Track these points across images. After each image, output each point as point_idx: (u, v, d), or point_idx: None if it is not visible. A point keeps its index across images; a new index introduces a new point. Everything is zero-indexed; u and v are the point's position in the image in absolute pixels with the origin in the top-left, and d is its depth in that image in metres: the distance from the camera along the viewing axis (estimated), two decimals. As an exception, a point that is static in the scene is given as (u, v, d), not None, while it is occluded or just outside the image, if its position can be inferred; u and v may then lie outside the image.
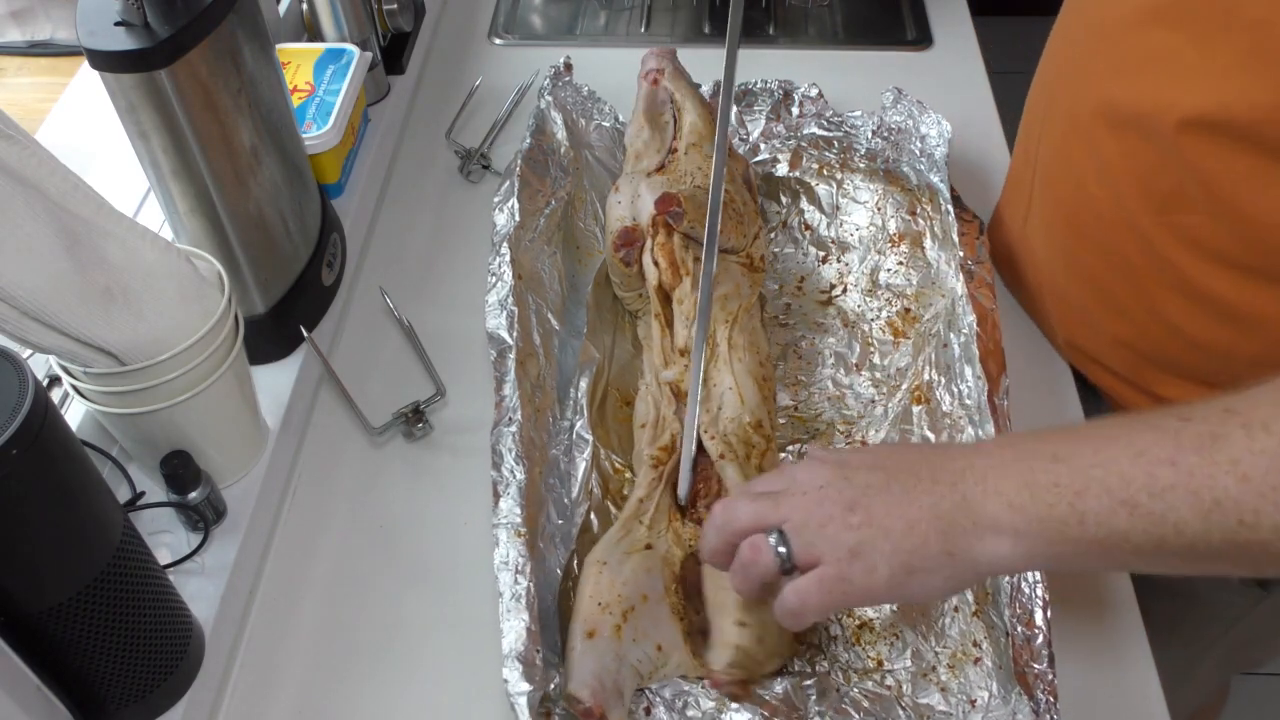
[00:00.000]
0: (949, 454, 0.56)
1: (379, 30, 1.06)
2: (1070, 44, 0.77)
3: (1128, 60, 0.68)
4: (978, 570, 0.54)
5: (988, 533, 0.53)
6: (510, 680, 0.61)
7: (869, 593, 0.55)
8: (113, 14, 0.65)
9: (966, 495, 0.53)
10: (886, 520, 0.54)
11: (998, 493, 0.53)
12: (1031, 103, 0.85)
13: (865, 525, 0.54)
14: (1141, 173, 0.70)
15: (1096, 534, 0.50)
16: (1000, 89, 1.10)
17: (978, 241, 0.85)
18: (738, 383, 0.76)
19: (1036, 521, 0.51)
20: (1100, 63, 0.72)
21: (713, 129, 0.91)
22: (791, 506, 0.57)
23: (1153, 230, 0.71)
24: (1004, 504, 0.52)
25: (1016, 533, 0.52)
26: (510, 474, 0.71)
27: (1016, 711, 0.62)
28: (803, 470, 0.58)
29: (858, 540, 0.54)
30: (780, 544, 0.56)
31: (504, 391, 0.76)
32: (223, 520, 0.73)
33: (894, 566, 0.54)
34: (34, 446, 0.49)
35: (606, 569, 0.67)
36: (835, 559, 0.54)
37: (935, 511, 0.54)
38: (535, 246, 0.87)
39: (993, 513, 0.52)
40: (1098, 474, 0.50)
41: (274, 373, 0.82)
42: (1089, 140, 0.73)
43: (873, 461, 0.57)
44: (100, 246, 0.62)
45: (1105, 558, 0.52)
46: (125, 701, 0.61)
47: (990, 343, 0.77)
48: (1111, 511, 0.50)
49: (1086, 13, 0.75)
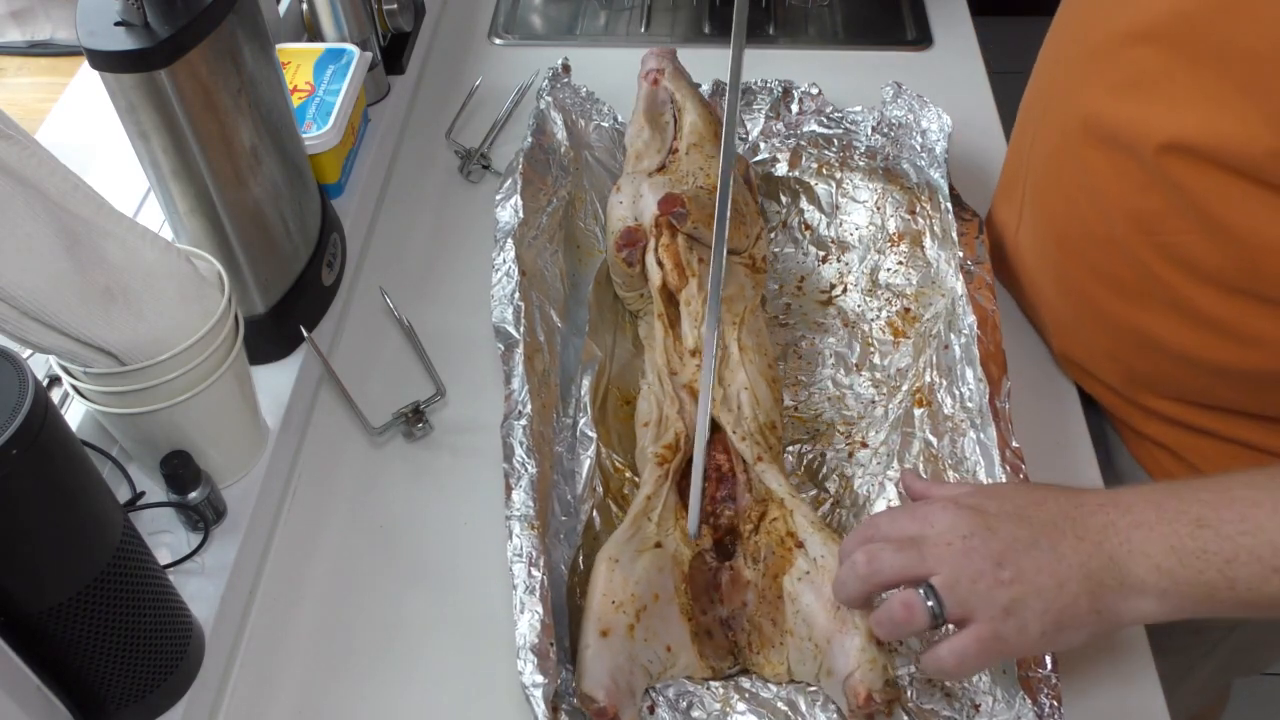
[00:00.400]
0: (1085, 505, 0.57)
1: (379, 30, 1.06)
2: (1061, 57, 0.76)
3: (1116, 78, 0.68)
4: (1120, 624, 0.55)
5: (1134, 593, 0.54)
6: (525, 672, 0.61)
7: (1020, 650, 0.56)
8: (113, 14, 0.65)
9: (1113, 556, 0.54)
10: (1037, 578, 0.54)
11: (1144, 554, 0.54)
12: (1024, 113, 0.84)
13: (1016, 582, 0.54)
14: (1128, 191, 0.69)
15: (1247, 597, 0.52)
16: (1000, 89, 1.10)
17: (977, 240, 0.85)
18: (752, 384, 0.76)
19: (1185, 585, 0.53)
20: (1089, 78, 0.71)
21: (713, 129, 0.91)
22: (938, 559, 0.56)
23: (1142, 249, 0.70)
24: (1151, 566, 0.53)
25: (1163, 594, 0.53)
26: (522, 466, 0.71)
27: (1020, 716, 0.62)
28: (939, 514, 0.58)
29: (1010, 598, 0.54)
30: (932, 600, 0.56)
31: (513, 385, 0.75)
32: (223, 520, 0.73)
33: (1045, 625, 0.54)
34: (34, 446, 0.49)
35: (619, 567, 0.67)
36: (989, 617, 0.55)
37: (1084, 571, 0.54)
38: (538, 244, 0.87)
39: (1140, 575, 0.53)
40: (1246, 541, 0.52)
41: (274, 373, 0.82)
42: (1078, 156, 0.73)
43: (1012, 510, 0.57)
44: (100, 246, 0.61)
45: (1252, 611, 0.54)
46: (125, 701, 0.61)
47: (991, 345, 0.77)
48: (1264, 579, 0.51)
49: (1077, 27, 0.74)
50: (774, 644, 0.67)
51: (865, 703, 0.61)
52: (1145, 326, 0.73)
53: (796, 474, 0.78)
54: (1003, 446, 0.72)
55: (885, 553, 0.58)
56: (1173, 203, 0.66)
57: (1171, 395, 0.75)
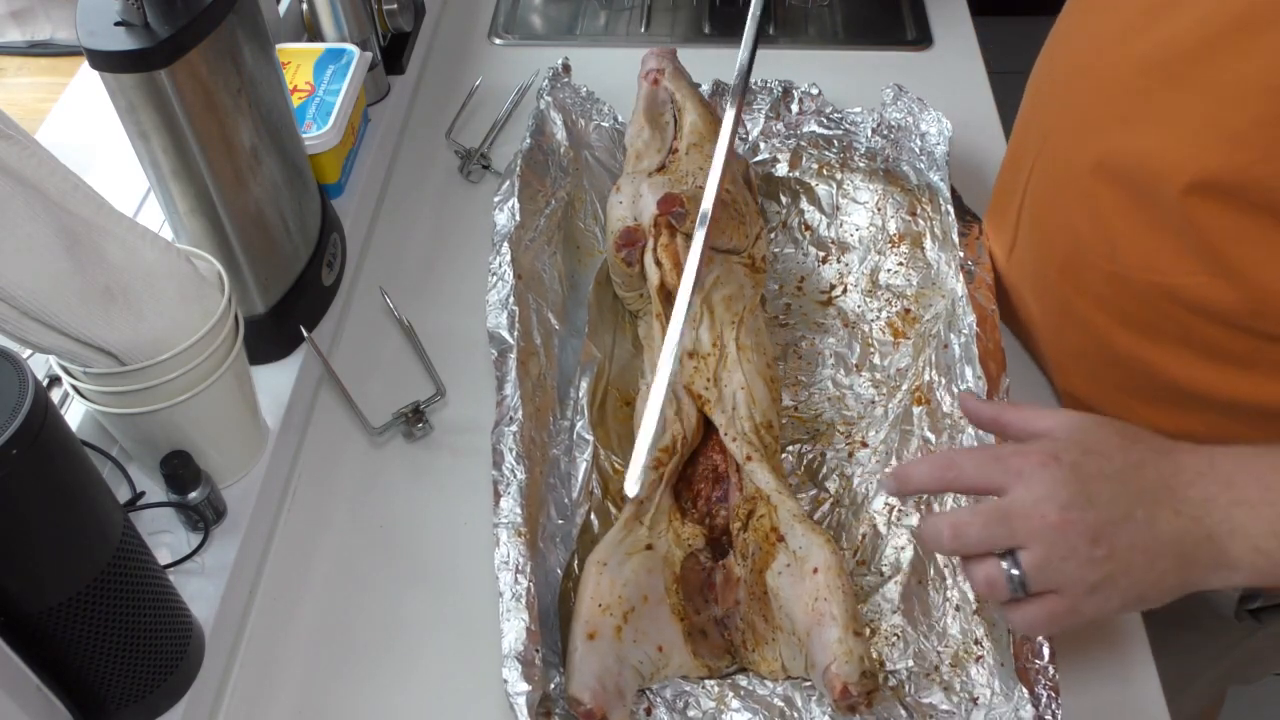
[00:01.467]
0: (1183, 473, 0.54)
1: (379, 30, 1.06)
2: (1064, 86, 0.73)
3: (1131, 115, 0.65)
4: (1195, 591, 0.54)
5: (1226, 569, 0.53)
6: (510, 680, 0.61)
7: (1095, 620, 0.55)
8: (113, 14, 0.65)
9: (1212, 534, 0.53)
10: (1130, 556, 0.53)
11: (1245, 534, 0.52)
12: (1019, 138, 0.81)
13: (1109, 560, 0.52)
14: (1138, 229, 0.67)
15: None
16: (1000, 89, 1.10)
17: (978, 241, 0.85)
18: (749, 384, 0.76)
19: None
20: (1099, 112, 0.68)
21: (713, 129, 0.91)
22: (1029, 534, 0.53)
23: (1150, 286, 0.68)
24: (1250, 547, 0.52)
25: (1258, 572, 0.53)
26: (511, 473, 0.71)
27: (1019, 708, 0.62)
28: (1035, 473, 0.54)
29: (1100, 577, 0.53)
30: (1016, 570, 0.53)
31: (505, 391, 0.76)
32: (223, 520, 0.73)
33: (1127, 600, 0.53)
34: (34, 446, 0.49)
35: (607, 570, 0.67)
36: (1073, 593, 0.53)
37: (1179, 548, 0.53)
38: (536, 246, 0.87)
39: (1237, 554, 0.53)
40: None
41: (274, 373, 0.82)
42: (1084, 189, 0.70)
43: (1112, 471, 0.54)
44: (100, 246, 0.61)
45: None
46: (125, 702, 0.61)
47: (990, 343, 0.78)
48: None
49: (1080, 54, 0.71)
50: (767, 640, 0.68)
51: (842, 694, 0.61)
52: (1154, 359, 0.71)
53: (796, 474, 0.78)
54: (1000, 443, 0.72)
55: (972, 529, 0.54)
56: (1186, 243, 0.64)
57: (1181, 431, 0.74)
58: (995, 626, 0.67)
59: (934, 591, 0.70)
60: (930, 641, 0.68)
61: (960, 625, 0.68)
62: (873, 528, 0.74)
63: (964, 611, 0.68)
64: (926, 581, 0.70)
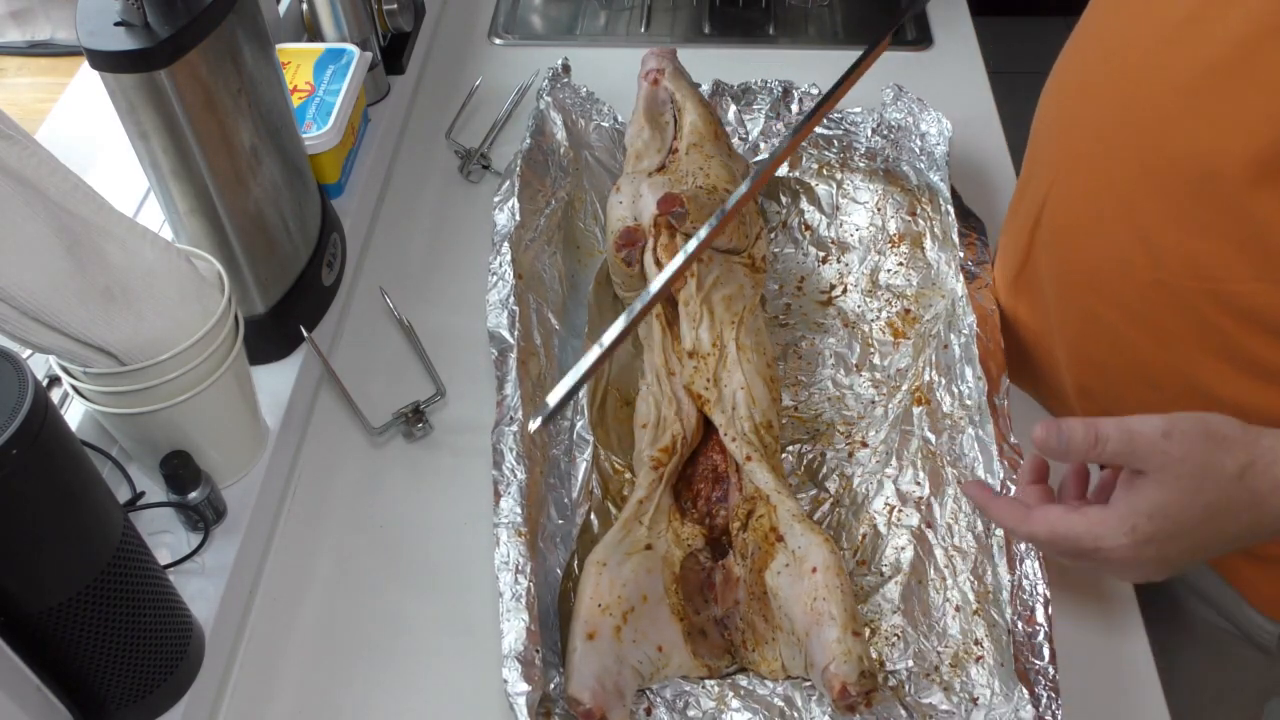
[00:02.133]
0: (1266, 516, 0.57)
1: (379, 30, 1.06)
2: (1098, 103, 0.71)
3: (1184, 116, 0.64)
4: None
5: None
6: (510, 680, 0.61)
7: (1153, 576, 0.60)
8: (113, 14, 0.65)
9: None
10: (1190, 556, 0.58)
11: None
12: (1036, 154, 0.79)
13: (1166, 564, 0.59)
14: (1189, 234, 0.65)
15: None
16: (1000, 89, 1.10)
17: (978, 242, 0.85)
18: (749, 383, 0.76)
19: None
20: (1146, 120, 0.66)
21: (713, 129, 0.91)
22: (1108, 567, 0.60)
23: (1196, 295, 0.66)
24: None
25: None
26: (511, 473, 0.71)
27: (1018, 708, 0.62)
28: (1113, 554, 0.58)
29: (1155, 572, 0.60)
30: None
31: (505, 391, 0.76)
32: (223, 520, 0.73)
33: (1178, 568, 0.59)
34: (34, 446, 0.49)
35: (606, 570, 0.67)
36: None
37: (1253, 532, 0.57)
38: (536, 246, 0.87)
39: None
40: None
41: (274, 373, 0.82)
42: (1124, 199, 0.68)
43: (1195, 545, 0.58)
44: (100, 246, 0.62)
45: None
46: (125, 702, 0.61)
47: (990, 343, 0.78)
48: None
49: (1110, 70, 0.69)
50: (767, 640, 0.68)
51: (841, 694, 0.61)
52: (1194, 376, 0.69)
53: (796, 474, 0.78)
54: (1000, 443, 0.72)
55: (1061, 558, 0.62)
56: (1240, 245, 0.63)
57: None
58: (995, 627, 0.67)
59: (934, 592, 0.70)
60: (930, 641, 0.68)
61: (960, 625, 0.68)
62: (873, 528, 0.74)
63: (964, 612, 0.69)
64: (926, 581, 0.70)
